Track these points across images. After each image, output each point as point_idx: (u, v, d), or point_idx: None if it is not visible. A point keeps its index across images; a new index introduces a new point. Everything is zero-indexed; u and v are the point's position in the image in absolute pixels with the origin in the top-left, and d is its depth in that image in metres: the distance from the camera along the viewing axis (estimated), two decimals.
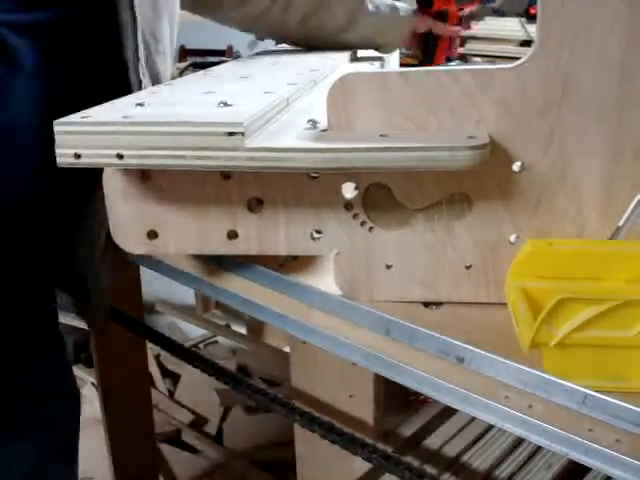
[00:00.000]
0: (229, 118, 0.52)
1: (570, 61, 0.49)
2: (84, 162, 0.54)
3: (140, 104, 0.59)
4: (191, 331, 2.22)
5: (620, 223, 0.53)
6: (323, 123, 0.54)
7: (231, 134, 0.51)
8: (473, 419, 0.96)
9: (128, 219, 0.60)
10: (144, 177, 0.58)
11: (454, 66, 1.37)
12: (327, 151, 0.51)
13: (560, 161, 0.52)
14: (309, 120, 0.55)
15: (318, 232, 0.58)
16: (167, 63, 0.73)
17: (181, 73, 1.60)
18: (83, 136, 0.53)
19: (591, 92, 0.50)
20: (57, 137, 0.53)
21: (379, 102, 0.52)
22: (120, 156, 0.53)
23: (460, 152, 0.49)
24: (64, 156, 0.54)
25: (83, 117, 0.54)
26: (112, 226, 0.61)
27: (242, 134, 0.51)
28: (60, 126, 0.53)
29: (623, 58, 0.49)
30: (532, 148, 0.52)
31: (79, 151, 0.53)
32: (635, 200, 0.52)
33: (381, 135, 0.52)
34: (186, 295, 2.32)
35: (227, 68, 0.87)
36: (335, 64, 0.89)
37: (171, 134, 0.52)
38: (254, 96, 0.62)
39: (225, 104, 0.57)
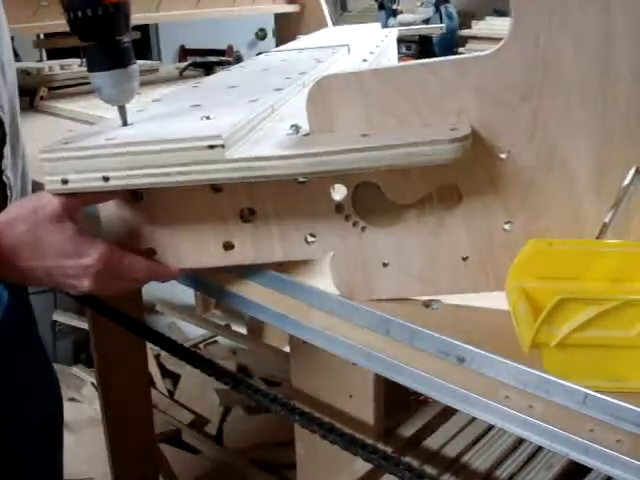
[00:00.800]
0: (208, 131, 0.52)
1: (547, 44, 0.49)
2: (72, 187, 0.54)
3: (124, 124, 0.59)
4: (191, 331, 2.22)
5: (606, 219, 0.53)
6: (305, 127, 0.54)
7: (211, 147, 0.51)
8: (473, 419, 0.96)
9: (125, 240, 0.60)
10: (136, 198, 0.59)
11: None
12: (308, 156, 0.50)
13: (547, 145, 0.52)
14: (292, 125, 0.55)
15: (312, 236, 0.58)
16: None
17: (181, 73, 1.60)
18: (69, 161, 0.54)
19: (572, 72, 0.49)
20: (43, 164, 0.54)
21: (358, 101, 0.52)
22: (106, 178, 0.53)
23: (442, 145, 0.49)
24: (52, 183, 0.54)
25: (67, 142, 0.55)
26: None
27: (222, 146, 0.51)
28: (45, 154, 0.54)
29: (600, 38, 0.48)
30: (517, 134, 0.52)
31: (66, 177, 0.54)
32: (617, 201, 0.52)
33: (362, 135, 0.52)
34: (186, 295, 2.33)
35: (217, 78, 0.88)
36: (325, 65, 0.89)
37: (153, 152, 0.52)
38: (238, 106, 0.62)
39: (207, 117, 0.57)
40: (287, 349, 1.69)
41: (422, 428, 0.97)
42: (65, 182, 0.54)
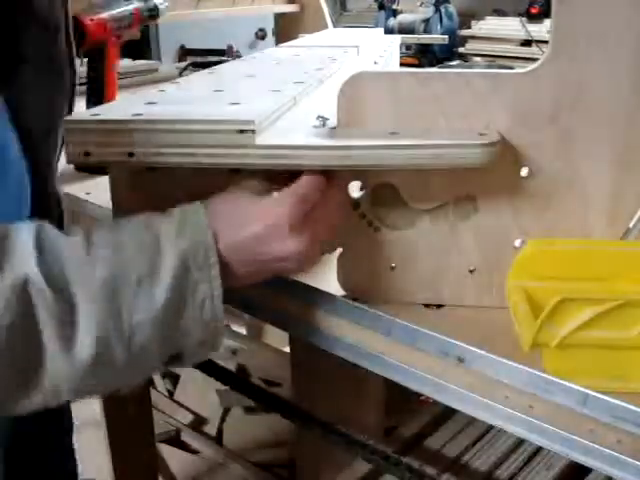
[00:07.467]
0: (240, 116, 0.52)
1: (583, 69, 0.49)
2: (94, 160, 0.53)
3: (150, 102, 0.58)
4: None
5: (630, 225, 0.53)
6: (332, 121, 0.54)
7: (242, 132, 0.51)
8: (473, 419, 0.96)
9: (132, 209, 0.59)
10: (150, 168, 0.58)
11: (465, 69, 1.37)
12: (338, 148, 0.50)
13: (569, 167, 0.52)
14: (318, 117, 0.55)
15: None
16: None
17: (181, 73, 1.60)
18: (94, 134, 0.53)
19: (602, 100, 0.50)
20: (67, 135, 0.53)
21: (390, 101, 0.52)
22: (131, 154, 0.53)
23: (470, 149, 0.49)
24: (74, 154, 0.53)
25: (93, 115, 0.54)
26: (115, 216, 0.60)
27: (253, 132, 0.51)
28: (70, 124, 0.53)
29: (634, 68, 0.48)
30: (541, 153, 0.52)
31: (89, 149, 0.53)
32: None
33: (391, 133, 0.52)
34: None
35: (232, 67, 0.87)
36: (339, 64, 0.89)
37: (182, 132, 0.52)
38: (262, 94, 0.62)
39: (235, 102, 0.57)
40: (287, 349, 1.69)
41: (422, 428, 0.97)
42: (88, 155, 0.53)
